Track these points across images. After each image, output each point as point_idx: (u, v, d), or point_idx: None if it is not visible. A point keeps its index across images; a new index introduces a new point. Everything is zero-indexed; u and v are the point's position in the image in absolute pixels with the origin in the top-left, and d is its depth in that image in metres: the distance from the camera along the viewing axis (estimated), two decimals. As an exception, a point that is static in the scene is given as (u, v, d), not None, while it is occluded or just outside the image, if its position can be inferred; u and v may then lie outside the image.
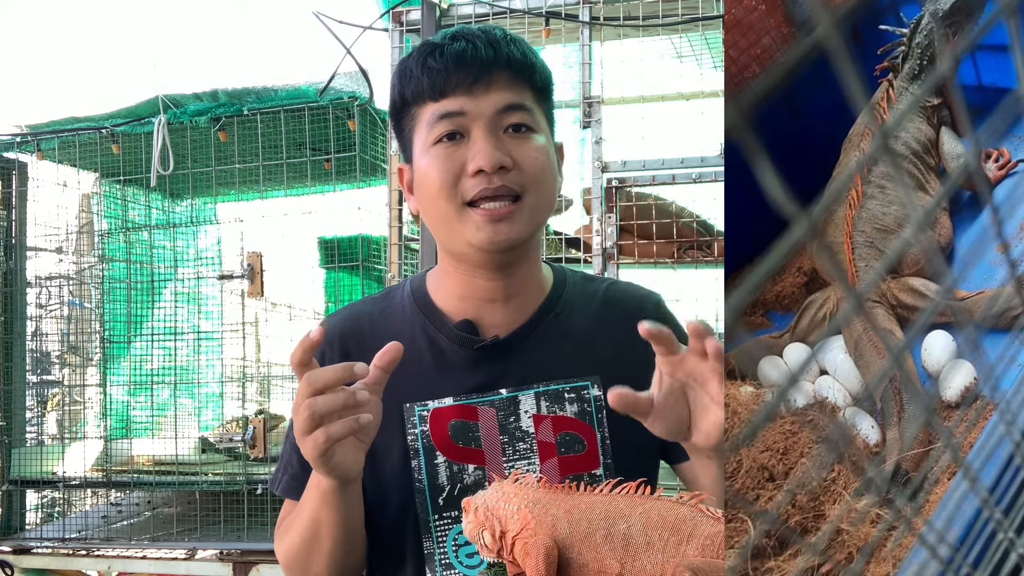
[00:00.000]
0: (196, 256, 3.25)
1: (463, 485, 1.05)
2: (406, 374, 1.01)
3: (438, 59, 1.01)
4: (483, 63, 1.01)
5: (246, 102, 2.81)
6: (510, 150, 1.01)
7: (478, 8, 2.47)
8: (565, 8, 2.41)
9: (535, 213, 1.04)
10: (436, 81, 1.01)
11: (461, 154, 1.01)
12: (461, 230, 1.02)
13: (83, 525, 3.09)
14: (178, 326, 3.09)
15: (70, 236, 3.41)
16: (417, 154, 1.05)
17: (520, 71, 1.04)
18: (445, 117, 1.01)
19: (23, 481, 3.10)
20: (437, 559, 1.05)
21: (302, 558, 1.04)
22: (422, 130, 1.04)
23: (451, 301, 1.10)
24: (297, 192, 3.25)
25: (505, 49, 1.03)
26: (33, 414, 3.51)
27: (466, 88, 1.01)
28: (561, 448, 1.07)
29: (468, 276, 1.08)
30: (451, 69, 1.01)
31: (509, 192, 1.01)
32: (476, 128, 1.01)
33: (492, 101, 1.01)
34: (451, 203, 1.01)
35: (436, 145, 1.02)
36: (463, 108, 1.01)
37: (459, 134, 1.01)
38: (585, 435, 1.07)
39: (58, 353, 3.76)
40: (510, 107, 1.02)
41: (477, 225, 1.01)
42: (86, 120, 3.05)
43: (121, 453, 3.15)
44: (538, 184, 1.03)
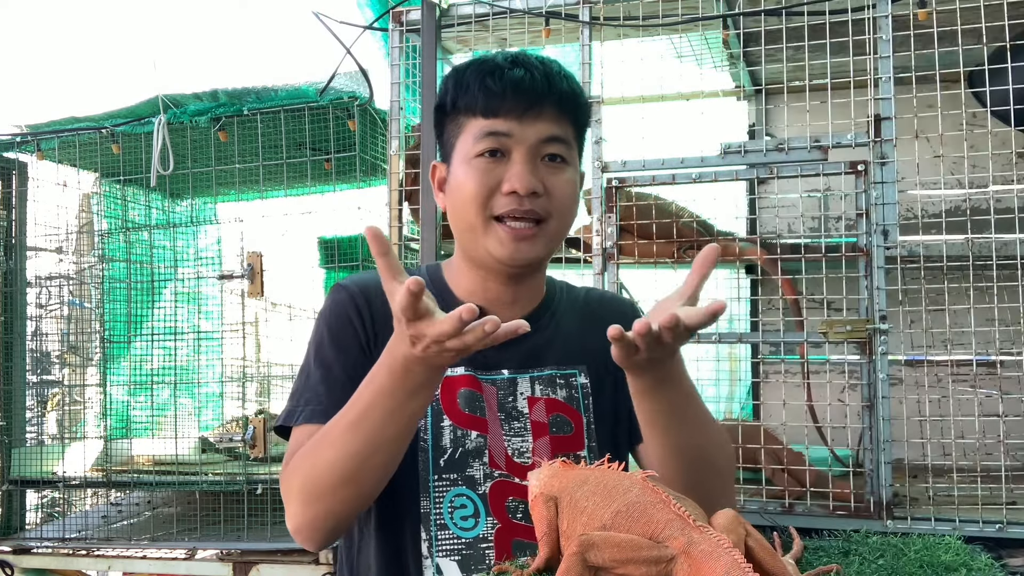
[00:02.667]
0: (196, 256, 3.25)
1: (464, 449, 1.13)
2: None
3: (497, 82, 1.10)
4: (537, 94, 1.11)
5: (246, 102, 2.81)
6: (543, 177, 1.12)
7: (478, 8, 2.47)
8: (565, 8, 2.41)
9: (554, 237, 1.16)
10: (491, 101, 1.11)
11: (500, 172, 1.11)
12: (485, 241, 1.13)
13: (83, 525, 3.09)
14: (178, 326, 3.09)
15: (70, 236, 3.41)
16: (457, 160, 1.14)
17: (567, 106, 1.14)
18: (492, 135, 1.11)
19: (23, 481, 3.10)
20: (433, 519, 1.11)
21: (346, 474, 1.01)
22: (467, 139, 1.13)
23: (463, 291, 1.20)
24: (297, 192, 3.25)
25: (558, 84, 1.13)
26: (33, 414, 3.51)
27: (517, 114, 1.10)
28: (552, 428, 1.17)
29: (481, 279, 1.19)
30: (508, 94, 1.10)
31: (535, 216, 1.11)
32: (517, 151, 1.11)
33: (537, 130, 1.11)
34: (480, 215, 1.12)
35: (478, 158, 1.11)
36: (510, 131, 1.10)
37: (501, 152, 1.11)
38: (573, 418, 1.19)
39: (58, 353, 3.76)
40: (552, 138, 1.12)
41: (501, 240, 1.12)
42: (86, 120, 3.05)
43: (121, 453, 3.15)
44: (562, 212, 1.14)
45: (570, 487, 0.85)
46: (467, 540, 1.11)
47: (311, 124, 2.77)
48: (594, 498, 0.81)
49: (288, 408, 1.15)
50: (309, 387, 1.14)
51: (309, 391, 1.14)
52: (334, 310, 1.18)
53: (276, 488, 2.65)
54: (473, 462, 1.13)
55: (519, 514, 1.13)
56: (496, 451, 1.14)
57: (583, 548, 0.73)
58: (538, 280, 1.24)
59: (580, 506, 0.81)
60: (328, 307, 1.19)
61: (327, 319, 1.18)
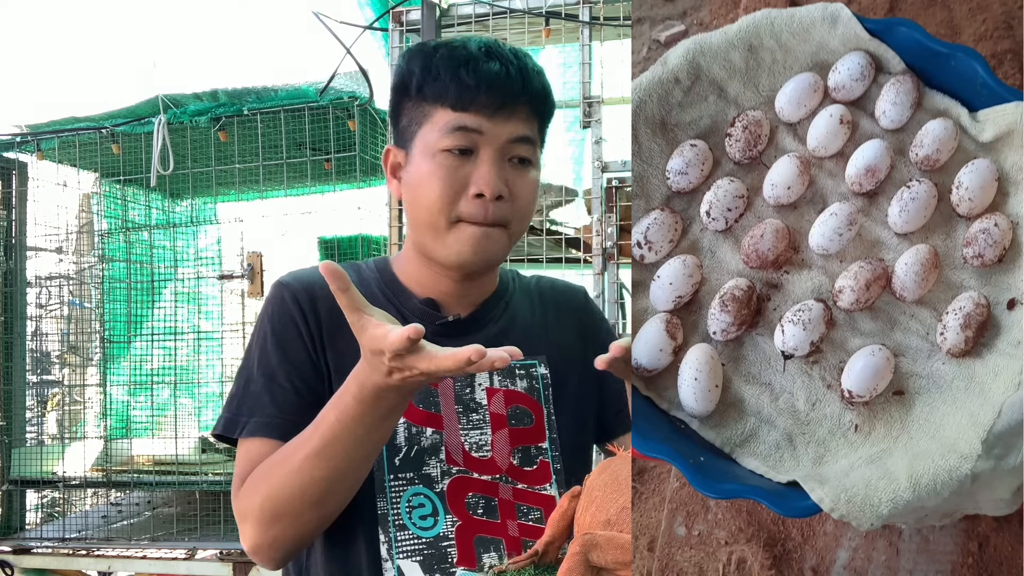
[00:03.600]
0: (196, 256, 3.25)
1: (420, 447, 1.09)
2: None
3: (471, 75, 1.04)
4: (511, 92, 1.05)
5: (246, 102, 2.81)
6: (509, 179, 1.06)
7: (478, 8, 2.47)
8: (565, 8, 2.41)
9: (513, 238, 1.10)
10: (464, 94, 1.04)
11: (466, 172, 1.05)
12: (446, 241, 1.07)
13: (83, 525, 3.09)
14: (178, 326, 3.09)
15: (70, 236, 3.41)
16: (419, 150, 1.07)
17: (539, 106, 1.09)
18: (462, 130, 1.04)
19: (23, 481, 3.10)
20: (391, 519, 1.06)
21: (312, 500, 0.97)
22: (432, 130, 1.06)
23: (415, 284, 1.15)
24: (297, 192, 3.25)
25: (532, 81, 1.07)
26: (33, 414, 3.51)
27: (490, 111, 1.04)
28: (511, 420, 1.13)
29: (435, 274, 1.13)
30: (482, 89, 1.03)
31: (499, 219, 1.06)
32: (486, 151, 1.05)
33: (509, 129, 1.05)
34: (444, 216, 1.05)
35: (444, 153, 1.05)
36: (481, 127, 1.04)
37: (469, 150, 1.05)
38: (533, 409, 1.15)
39: (58, 353, 3.76)
40: (522, 139, 1.07)
41: (462, 242, 1.06)
42: (86, 120, 3.05)
43: (121, 453, 3.15)
44: (524, 215, 1.10)
45: (594, 475, 0.84)
46: (428, 540, 1.07)
47: (311, 124, 2.77)
48: (605, 489, 0.79)
49: (227, 416, 1.08)
50: (251, 395, 1.07)
51: (251, 399, 1.07)
52: (276, 311, 1.10)
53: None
54: (429, 459, 1.09)
55: (479, 510, 1.09)
56: (452, 447, 1.10)
57: (586, 548, 0.72)
58: (493, 275, 1.19)
59: (592, 496, 0.80)
60: (270, 307, 1.11)
61: (270, 320, 1.10)
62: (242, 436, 1.06)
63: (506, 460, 1.11)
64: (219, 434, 1.10)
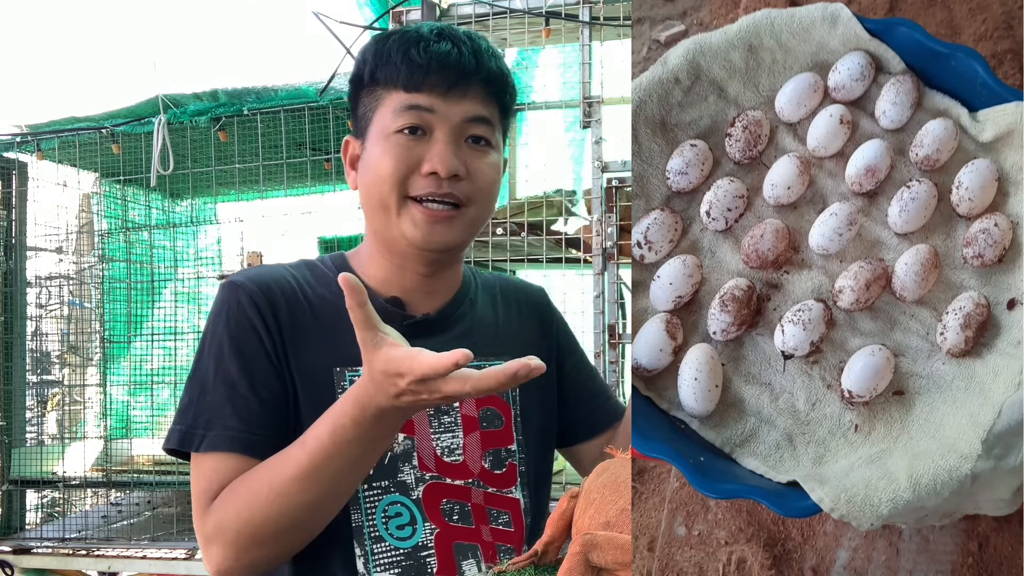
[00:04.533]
0: (196, 256, 3.25)
1: (393, 454, 1.04)
2: (337, 341, 1.02)
3: (422, 54, 1.01)
4: (464, 71, 1.02)
5: (246, 102, 2.82)
6: (466, 160, 1.03)
7: (478, 8, 2.47)
8: (565, 8, 2.41)
9: (474, 223, 1.06)
10: (414, 74, 1.01)
11: (420, 151, 1.02)
12: (398, 222, 1.03)
13: (83, 525, 3.09)
14: (178, 326, 3.10)
15: (70, 236, 3.41)
16: (373, 136, 1.05)
17: (495, 87, 1.06)
18: (413, 109, 1.01)
19: (23, 481, 3.10)
20: (366, 531, 1.02)
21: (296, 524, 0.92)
22: (385, 114, 1.03)
23: (377, 282, 1.09)
24: (297, 192, 3.25)
25: (486, 62, 1.04)
26: (33, 414, 3.51)
27: (442, 90, 1.01)
28: (483, 423, 1.10)
29: (397, 267, 1.09)
30: (432, 68, 1.01)
31: (454, 199, 1.02)
32: (440, 130, 1.02)
33: (463, 108, 1.03)
34: (395, 194, 1.02)
35: (397, 134, 1.02)
36: (433, 107, 1.01)
37: (422, 130, 1.02)
38: (503, 411, 1.11)
39: (58, 353, 3.76)
40: (477, 118, 1.04)
41: (415, 222, 1.02)
42: (86, 120, 3.05)
43: (121, 453, 3.15)
44: (484, 198, 1.06)
45: (591, 477, 0.84)
46: (406, 550, 1.02)
47: (311, 124, 2.78)
48: (603, 491, 0.79)
49: (181, 428, 1.00)
50: (209, 406, 0.99)
51: (209, 411, 0.99)
52: (232, 314, 1.03)
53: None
54: (403, 466, 1.04)
55: (455, 516, 1.05)
56: (425, 452, 1.05)
57: (586, 548, 0.72)
58: (456, 269, 1.15)
59: (591, 498, 0.80)
60: (224, 310, 1.03)
61: (225, 325, 1.02)
62: (200, 451, 0.98)
63: (478, 464, 1.08)
64: (172, 448, 1.01)
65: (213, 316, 1.04)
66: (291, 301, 1.05)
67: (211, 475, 0.98)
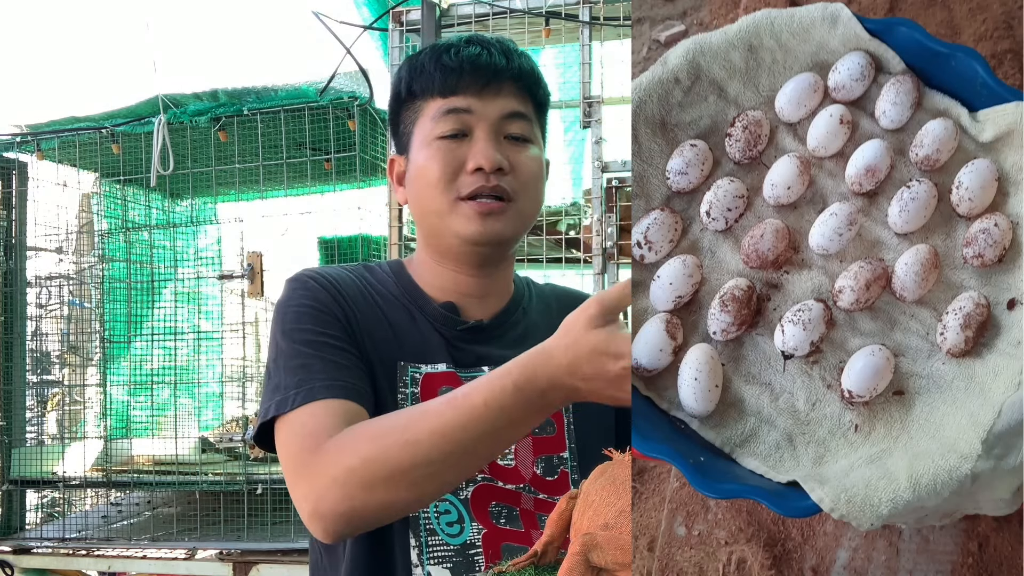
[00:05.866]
0: (196, 256, 3.25)
1: None
2: (400, 336, 1.06)
3: (453, 58, 1.06)
4: (495, 69, 1.06)
5: (246, 102, 2.82)
6: (508, 154, 1.06)
7: (478, 8, 2.47)
8: (565, 8, 2.41)
9: (523, 216, 1.09)
10: (448, 78, 1.05)
11: (463, 151, 1.05)
12: (451, 222, 1.06)
13: (83, 525, 3.09)
14: (178, 326, 3.10)
15: (70, 236, 3.41)
16: (416, 146, 1.08)
17: (527, 83, 1.09)
18: (452, 112, 1.05)
19: (23, 481, 3.10)
20: (422, 523, 1.03)
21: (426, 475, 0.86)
22: (425, 123, 1.07)
23: (432, 288, 1.12)
24: (297, 192, 3.25)
25: (516, 60, 1.08)
26: (33, 414, 3.51)
27: (476, 90, 1.05)
28: (535, 429, 1.09)
29: (452, 272, 1.11)
30: (465, 69, 1.05)
31: (502, 192, 1.05)
32: (479, 129, 1.05)
33: (499, 106, 1.06)
34: (446, 196, 1.05)
35: (439, 140, 1.06)
36: (471, 107, 1.05)
37: (463, 133, 1.05)
38: (555, 418, 1.11)
39: (58, 353, 3.76)
40: (514, 114, 1.07)
41: (468, 218, 1.05)
42: (86, 120, 3.05)
43: (121, 453, 3.15)
44: (529, 190, 1.08)
45: (590, 479, 0.84)
46: (455, 547, 1.03)
47: (311, 124, 2.77)
48: (602, 493, 0.79)
49: (270, 403, 0.97)
50: (297, 369, 0.97)
51: (299, 373, 0.97)
52: (305, 293, 1.04)
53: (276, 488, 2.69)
54: None
55: (502, 519, 1.05)
56: None
57: (586, 548, 0.72)
58: (508, 273, 1.17)
59: (589, 499, 0.80)
60: (296, 292, 1.05)
61: (298, 303, 1.03)
62: (295, 406, 0.95)
63: (529, 469, 1.08)
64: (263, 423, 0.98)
65: (283, 303, 1.05)
66: (358, 291, 1.08)
67: (311, 423, 0.93)
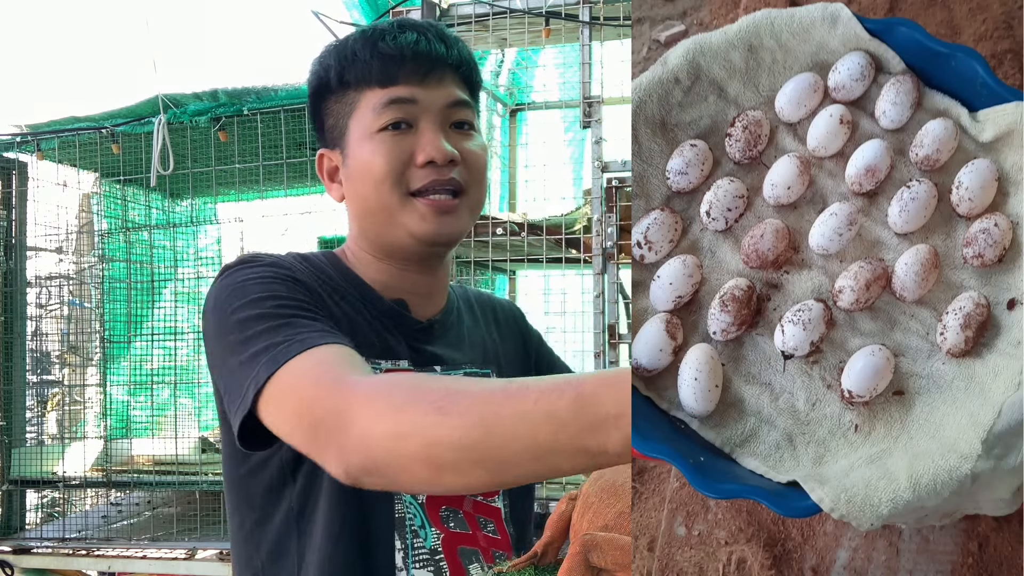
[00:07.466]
0: (196, 256, 3.25)
1: None
2: (356, 330, 0.98)
3: (391, 45, 0.99)
4: (437, 57, 1.00)
5: (246, 102, 2.82)
6: (456, 145, 1.00)
7: (478, 8, 2.47)
8: (565, 8, 2.41)
9: (473, 210, 1.04)
10: (388, 67, 0.99)
11: (409, 144, 0.99)
12: (403, 220, 1.00)
13: (83, 525, 3.09)
14: (178, 326, 3.10)
15: (70, 236, 3.41)
16: (356, 139, 1.01)
17: (467, 69, 1.04)
18: (395, 103, 0.98)
19: (23, 481, 3.10)
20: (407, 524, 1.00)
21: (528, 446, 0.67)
22: (364, 114, 1.00)
23: (376, 284, 1.05)
24: (297, 192, 3.25)
25: (455, 46, 1.02)
26: (33, 414, 3.51)
27: (419, 79, 0.99)
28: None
29: (398, 269, 1.05)
30: (406, 57, 0.98)
31: (456, 186, 1.00)
32: (425, 119, 0.99)
33: (443, 94, 1.00)
34: (395, 192, 0.99)
35: (381, 132, 0.99)
36: (414, 96, 0.99)
37: (407, 123, 0.99)
38: None
39: (58, 353, 3.76)
40: (459, 102, 1.01)
41: (422, 216, 0.99)
42: (86, 120, 3.05)
43: (121, 453, 3.15)
44: (480, 181, 1.03)
45: (588, 483, 0.84)
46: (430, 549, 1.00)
47: (311, 124, 2.77)
48: (601, 496, 0.79)
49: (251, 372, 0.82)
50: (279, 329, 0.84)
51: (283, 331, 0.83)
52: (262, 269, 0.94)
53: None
54: None
55: (451, 523, 1.02)
56: None
57: (586, 548, 0.73)
58: (448, 269, 1.12)
59: (589, 502, 0.80)
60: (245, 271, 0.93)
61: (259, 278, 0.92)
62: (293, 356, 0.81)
63: None
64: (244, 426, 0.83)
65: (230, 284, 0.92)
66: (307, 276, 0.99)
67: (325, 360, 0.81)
